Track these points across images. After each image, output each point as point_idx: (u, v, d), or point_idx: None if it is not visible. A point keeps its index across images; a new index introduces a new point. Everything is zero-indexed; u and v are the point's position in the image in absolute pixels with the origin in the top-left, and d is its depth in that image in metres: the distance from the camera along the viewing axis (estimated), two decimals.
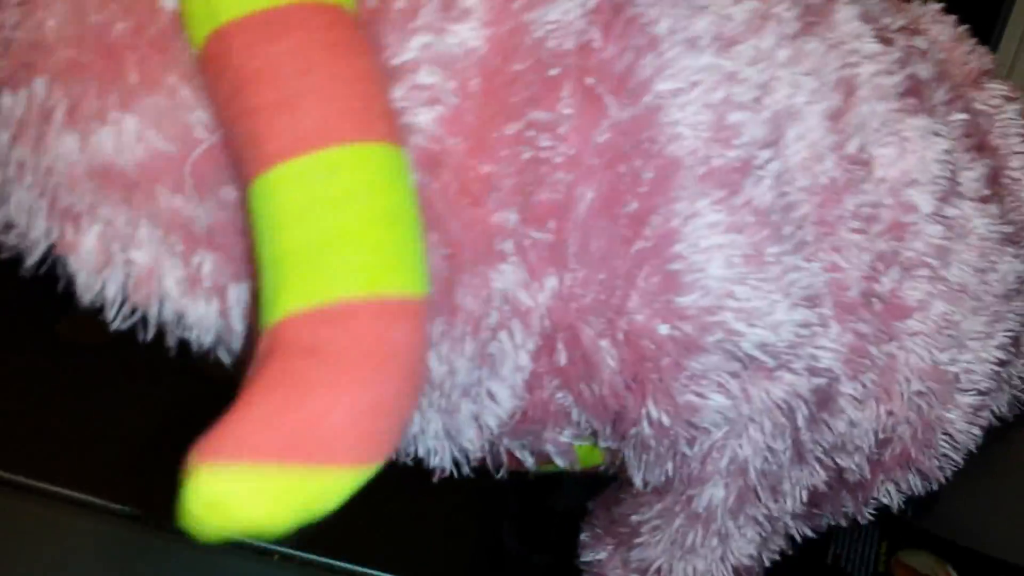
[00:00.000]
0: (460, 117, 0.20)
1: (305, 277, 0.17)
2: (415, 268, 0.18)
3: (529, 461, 0.27)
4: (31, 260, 0.20)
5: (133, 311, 0.20)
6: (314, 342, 0.16)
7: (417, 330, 0.17)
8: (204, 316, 0.20)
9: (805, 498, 0.27)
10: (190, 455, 0.16)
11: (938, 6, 0.32)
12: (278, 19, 0.17)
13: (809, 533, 0.31)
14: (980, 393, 0.28)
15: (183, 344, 0.21)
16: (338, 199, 0.17)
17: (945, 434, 0.28)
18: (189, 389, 0.33)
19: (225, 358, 0.22)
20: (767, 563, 0.29)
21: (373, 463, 0.17)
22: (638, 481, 0.26)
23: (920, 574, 0.43)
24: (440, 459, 0.24)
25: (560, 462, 0.27)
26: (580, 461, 0.27)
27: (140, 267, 0.19)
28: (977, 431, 0.29)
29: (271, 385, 0.16)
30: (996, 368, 0.28)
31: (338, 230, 0.17)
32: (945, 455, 0.29)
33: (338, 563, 0.38)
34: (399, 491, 0.29)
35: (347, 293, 0.17)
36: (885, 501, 0.30)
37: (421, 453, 0.24)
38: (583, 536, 0.31)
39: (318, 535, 0.23)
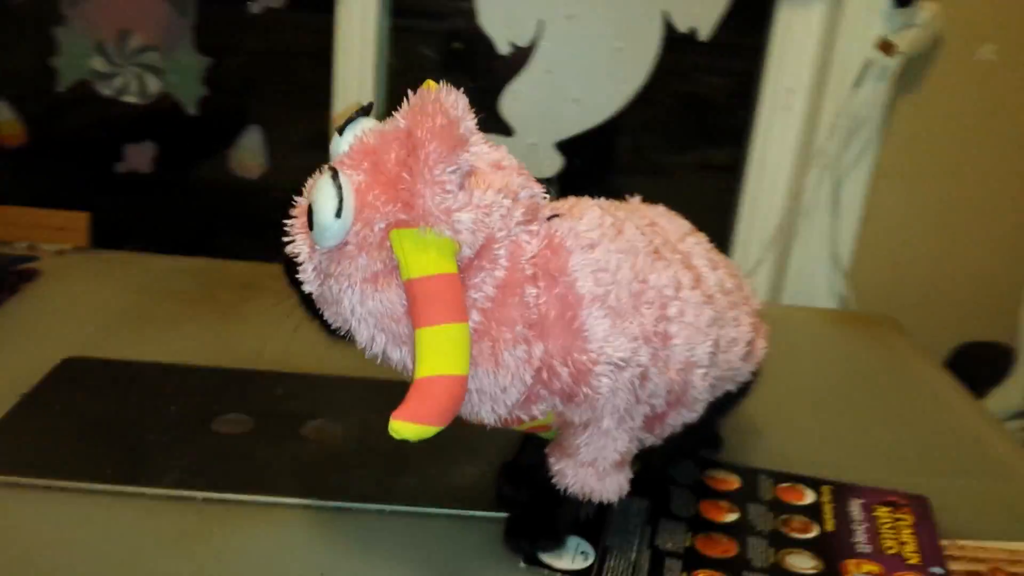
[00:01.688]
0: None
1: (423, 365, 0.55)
2: (463, 363, 0.56)
3: (525, 421, 0.64)
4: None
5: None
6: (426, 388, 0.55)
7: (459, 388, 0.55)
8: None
9: (642, 421, 0.66)
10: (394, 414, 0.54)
11: (664, 211, 0.74)
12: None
13: (652, 440, 0.69)
14: (704, 367, 0.67)
15: None
16: (441, 340, 0.55)
17: (693, 388, 0.68)
18: None
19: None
20: (637, 451, 0.68)
21: (440, 425, 0.55)
22: (577, 421, 0.64)
23: (718, 479, 0.82)
24: (489, 420, 0.62)
25: (539, 417, 0.64)
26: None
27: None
28: (706, 387, 0.68)
29: (414, 398, 0.54)
30: (709, 355, 0.68)
31: (438, 349, 0.55)
32: (695, 398, 0.68)
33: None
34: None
35: (436, 373, 0.55)
36: (672, 427, 0.69)
37: (485, 420, 0.62)
38: (550, 460, 0.68)
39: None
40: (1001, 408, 1.32)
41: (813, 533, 0.74)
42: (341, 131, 0.59)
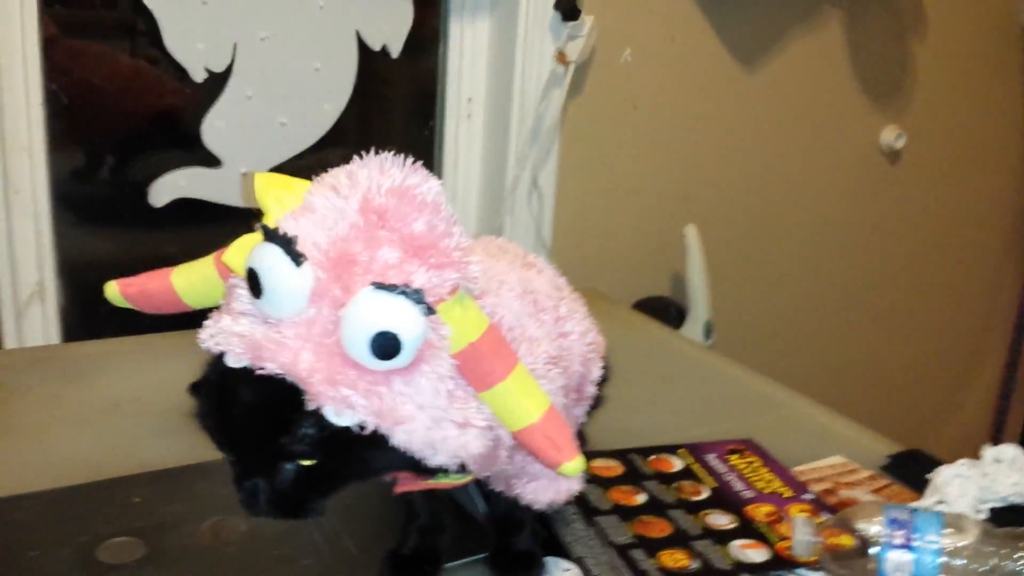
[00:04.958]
0: None
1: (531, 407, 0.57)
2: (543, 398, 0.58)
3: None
4: None
5: None
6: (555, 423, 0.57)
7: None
8: None
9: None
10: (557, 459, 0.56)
11: None
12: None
13: None
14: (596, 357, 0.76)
15: None
16: (526, 378, 0.58)
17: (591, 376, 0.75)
18: None
19: None
20: None
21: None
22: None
23: (602, 468, 0.91)
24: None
25: None
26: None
27: None
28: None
29: (559, 437, 0.57)
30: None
31: (529, 387, 0.57)
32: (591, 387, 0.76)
33: None
34: None
35: (546, 407, 0.57)
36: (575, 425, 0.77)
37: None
38: (516, 491, 0.67)
39: None
40: None
41: (706, 493, 0.87)
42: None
